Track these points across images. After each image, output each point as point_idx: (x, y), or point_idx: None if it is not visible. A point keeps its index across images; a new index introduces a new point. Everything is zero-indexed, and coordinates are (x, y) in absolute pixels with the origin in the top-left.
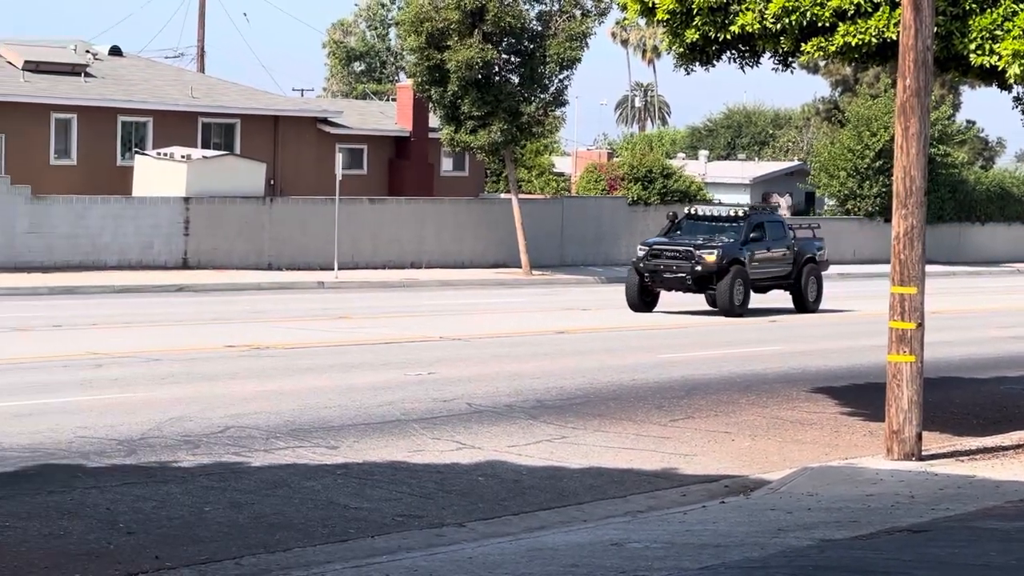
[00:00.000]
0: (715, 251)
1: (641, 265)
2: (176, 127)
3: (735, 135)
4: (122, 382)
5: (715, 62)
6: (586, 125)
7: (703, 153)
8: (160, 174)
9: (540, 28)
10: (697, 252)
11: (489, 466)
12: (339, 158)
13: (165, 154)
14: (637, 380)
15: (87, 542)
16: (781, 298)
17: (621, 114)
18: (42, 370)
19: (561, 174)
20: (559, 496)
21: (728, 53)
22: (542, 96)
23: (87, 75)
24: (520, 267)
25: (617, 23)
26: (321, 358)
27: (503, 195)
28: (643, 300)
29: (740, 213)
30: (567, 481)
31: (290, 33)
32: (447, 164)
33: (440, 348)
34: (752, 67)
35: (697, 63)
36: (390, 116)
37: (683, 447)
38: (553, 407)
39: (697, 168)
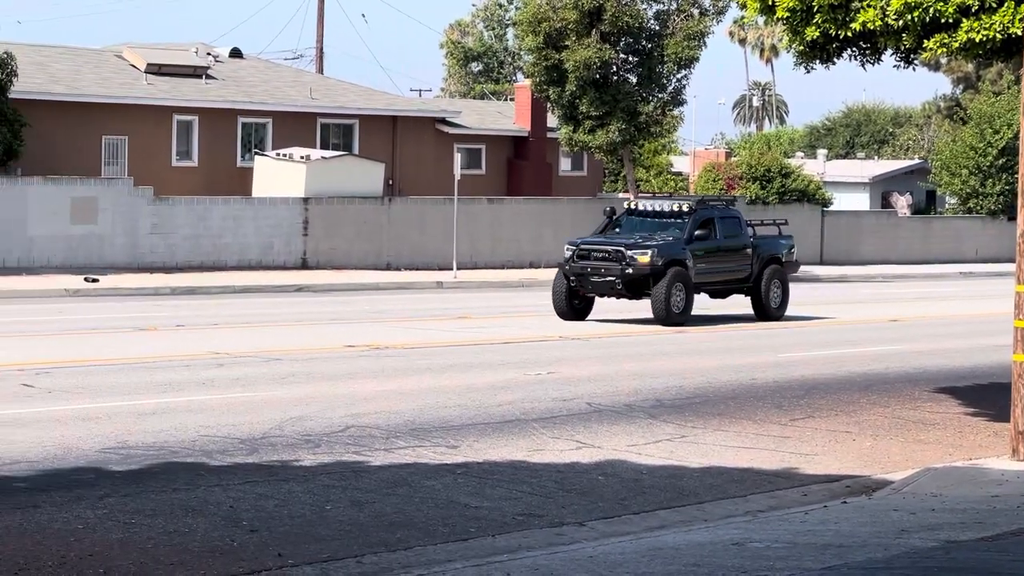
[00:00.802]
0: (649, 251)
1: (567, 268)
2: (295, 128)
3: (854, 133)
4: (243, 381)
5: (835, 60)
6: (704, 124)
7: (821, 152)
8: (279, 175)
9: (658, 27)
10: (628, 252)
11: (609, 465)
12: (458, 158)
13: (284, 155)
14: (756, 379)
15: (211, 539)
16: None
17: (739, 113)
18: (166, 369)
19: (679, 173)
20: (679, 495)
21: (849, 51)
22: (660, 95)
23: (208, 77)
24: None
25: (735, 22)
26: (440, 358)
27: (621, 195)
28: (572, 307)
29: (685, 207)
30: (687, 480)
31: (408, 34)
32: (565, 164)
33: (559, 348)
34: (873, 64)
35: (817, 61)
36: (508, 116)
37: (803, 447)
38: (672, 406)
39: (816, 167)
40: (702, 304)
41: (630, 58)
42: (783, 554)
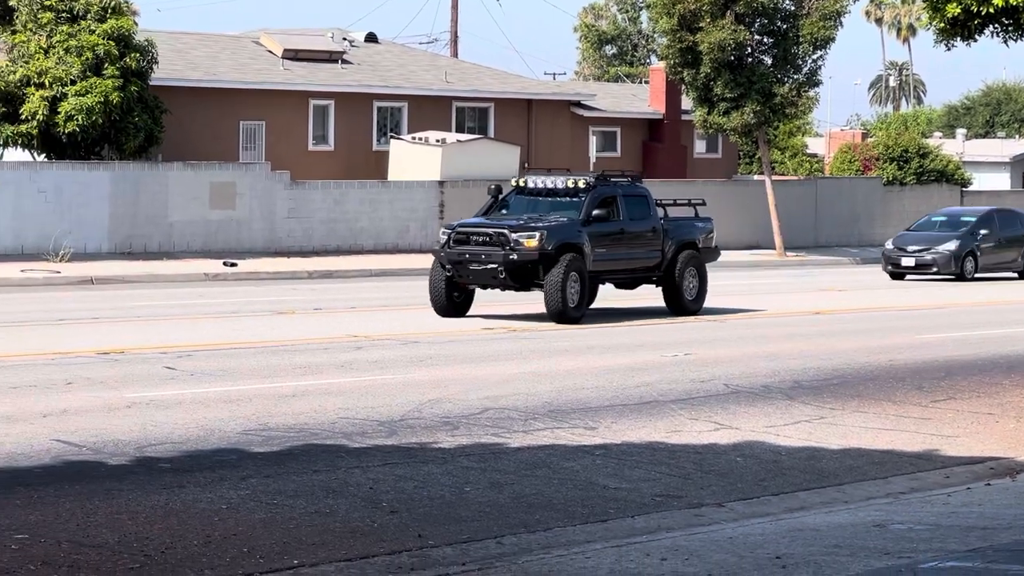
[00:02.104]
0: (537, 233)
1: (443, 254)
2: (430, 112)
3: (994, 113)
4: (381, 364)
5: (977, 37)
6: (839, 105)
7: (960, 132)
8: (415, 158)
9: (793, 8)
10: (513, 235)
11: (747, 446)
12: (593, 141)
13: (420, 138)
14: (895, 361)
15: (351, 520)
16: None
17: (875, 94)
18: (304, 352)
19: (814, 155)
20: (818, 477)
21: (991, 27)
22: (795, 77)
23: (344, 62)
24: (774, 248)
25: (871, 1)
26: (575, 340)
27: (756, 176)
28: (451, 300)
29: (582, 184)
30: (826, 462)
31: (542, 17)
32: (700, 146)
33: (695, 329)
34: (1016, 40)
35: (958, 38)
36: (642, 99)
37: (945, 428)
38: (810, 388)
39: (954, 147)
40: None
41: (765, 39)
42: (926, 536)
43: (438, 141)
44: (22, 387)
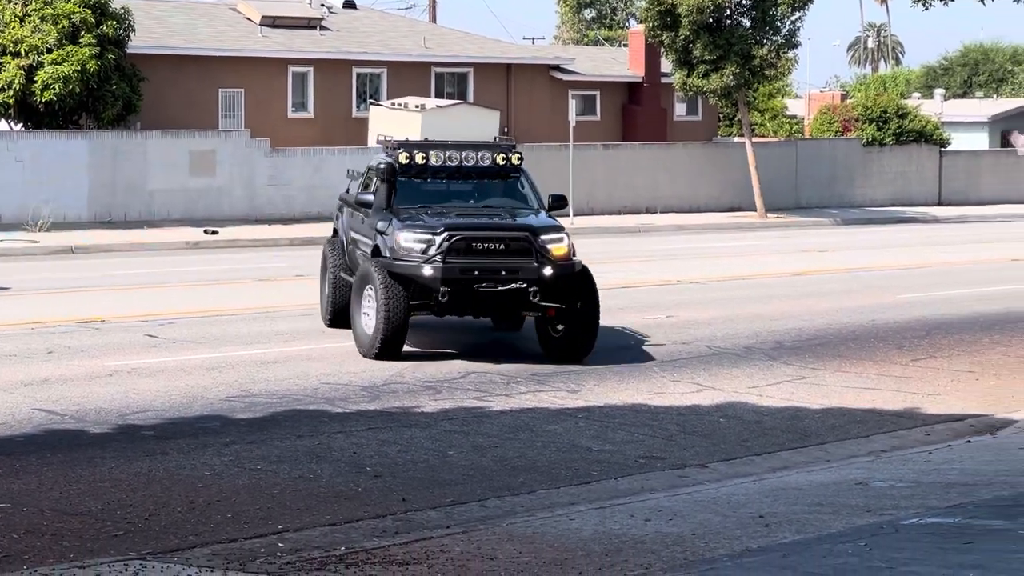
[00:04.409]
0: (563, 235)
1: (430, 270)
2: (409, 77)
3: (972, 73)
4: None
5: None
6: (818, 67)
7: (939, 92)
8: (394, 124)
9: None
10: (541, 238)
11: (730, 407)
12: (572, 104)
13: (399, 104)
14: (876, 320)
15: (335, 484)
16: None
17: (854, 55)
18: (286, 319)
19: (794, 117)
20: (801, 436)
21: None
22: (774, 38)
23: (322, 28)
24: (755, 210)
25: None
26: None
27: (736, 139)
28: (393, 342)
29: (515, 159)
30: (808, 421)
31: None
32: (680, 109)
33: (678, 292)
34: (993, 0)
35: None
36: (622, 62)
37: (925, 387)
38: (792, 348)
39: (933, 107)
40: None
41: (743, 1)
42: (907, 493)
43: (417, 107)
44: (2, 357)
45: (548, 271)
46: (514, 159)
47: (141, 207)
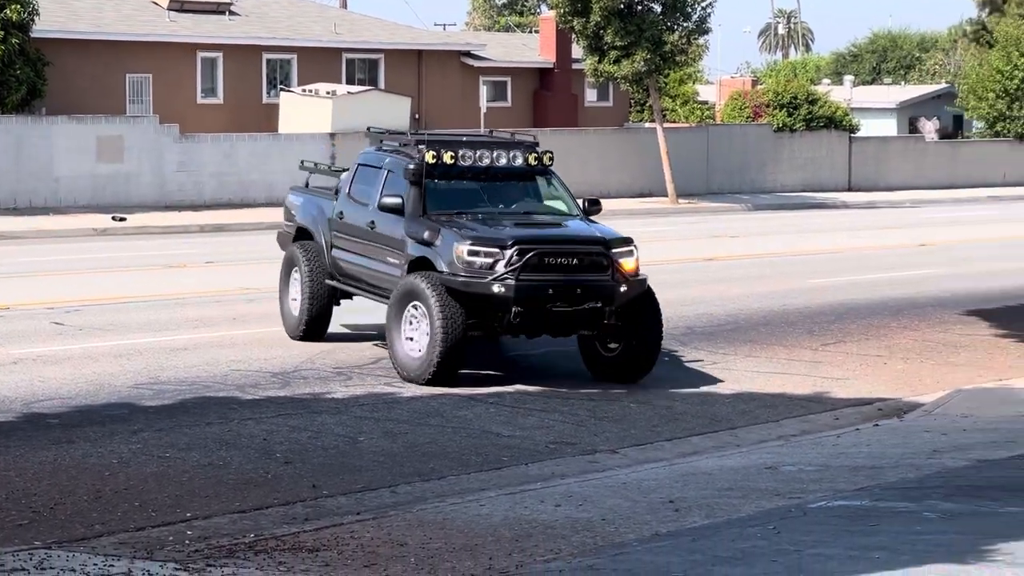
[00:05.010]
0: (631, 247)
1: (501, 288)
2: (320, 64)
3: (880, 60)
4: (274, 316)
5: None
6: (729, 53)
7: (848, 78)
8: (305, 110)
9: None
10: (611, 251)
11: (641, 393)
12: (483, 91)
13: (310, 91)
14: (787, 305)
15: (245, 471)
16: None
17: (764, 41)
18: (196, 305)
19: (705, 103)
20: (711, 422)
21: None
22: (685, 24)
23: (231, 13)
24: (666, 196)
25: None
26: None
27: (647, 125)
28: (450, 367)
29: (532, 159)
30: (719, 407)
31: None
32: (591, 95)
33: None
34: None
35: None
36: (533, 48)
37: (835, 371)
38: (703, 334)
39: (842, 94)
40: None
41: None
42: (816, 476)
43: (328, 93)
44: None
45: (623, 289)
46: (546, 159)
47: (47, 193)
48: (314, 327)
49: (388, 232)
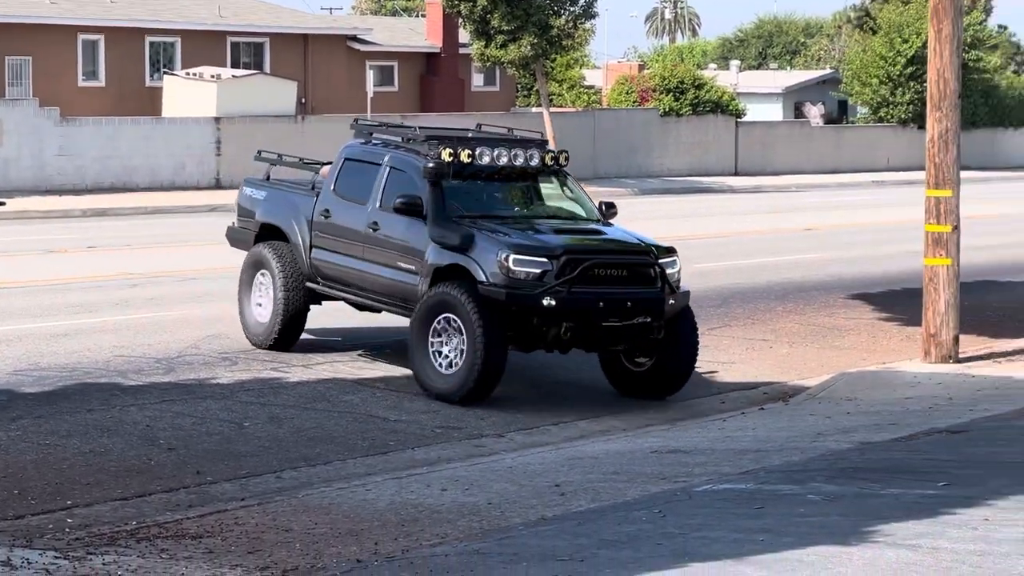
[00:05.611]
0: (675, 257)
1: (549, 299)
2: (205, 47)
3: (766, 45)
4: (158, 301)
5: None
6: (616, 38)
7: (734, 63)
8: (190, 94)
9: None
10: (658, 261)
11: (527, 378)
12: (370, 75)
13: (194, 74)
14: None
15: (127, 459)
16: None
17: (651, 26)
18: (78, 291)
19: (592, 87)
20: (598, 406)
21: None
22: (571, 9)
23: None
24: None
25: None
26: None
27: (534, 109)
28: (489, 386)
29: (559, 157)
30: (604, 391)
31: None
32: (478, 79)
33: None
34: None
35: None
36: (420, 33)
37: (721, 355)
38: None
39: (729, 79)
40: None
41: None
42: (701, 460)
43: (213, 77)
44: None
45: (672, 302)
46: (562, 158)
47: None
48: (287, 335)
49: (399, 236)
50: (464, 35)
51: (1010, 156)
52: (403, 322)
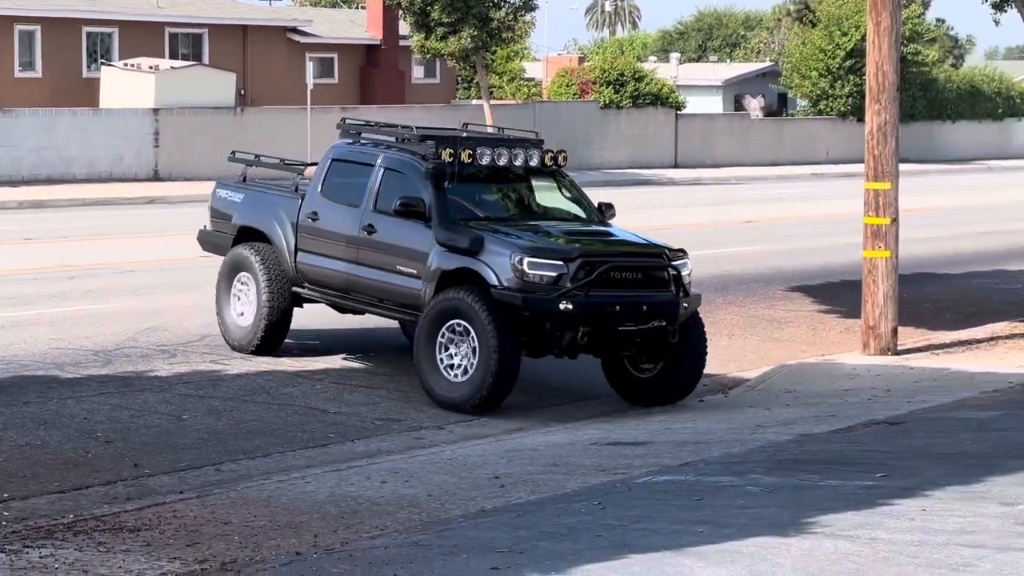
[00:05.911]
0: (686, 260)
1: (567, 303)
2: (143, 38)
3: (706, 37)
4: (95, 293)
5: None
6: (556, 30)
7: (674, 56)
8: (128, 85)
9: None
10: (676, 263)
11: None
12: (310, 67)
13: (132, 65)
14: None
15: (64, 452)
16: None
17: (591, 19)
18: (14, 283)
19: (532, 79)
20: (537, 398)
21: None
22: (511, 1)
23: None
24: None
25: None
26: None
27: (474, 101)
28: (503, 393)
29: (558, 157)
30: (544, 382)
31: None
32: (418, 72)
33: None
34: None
35: None
36: (360, 24)
37: None
38: None
39: (669, 71)
40: None
41: None
42: (641, 452)
43: (151, 68)
44: None
45: (686, 306)
46: (561, 158)
47: None
48: (271, 339)
49: (398, 239)
50: (404, 27)
51: (948, 149)
52: (352, 318)
